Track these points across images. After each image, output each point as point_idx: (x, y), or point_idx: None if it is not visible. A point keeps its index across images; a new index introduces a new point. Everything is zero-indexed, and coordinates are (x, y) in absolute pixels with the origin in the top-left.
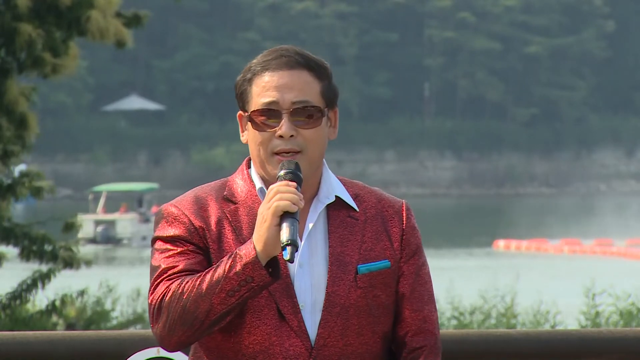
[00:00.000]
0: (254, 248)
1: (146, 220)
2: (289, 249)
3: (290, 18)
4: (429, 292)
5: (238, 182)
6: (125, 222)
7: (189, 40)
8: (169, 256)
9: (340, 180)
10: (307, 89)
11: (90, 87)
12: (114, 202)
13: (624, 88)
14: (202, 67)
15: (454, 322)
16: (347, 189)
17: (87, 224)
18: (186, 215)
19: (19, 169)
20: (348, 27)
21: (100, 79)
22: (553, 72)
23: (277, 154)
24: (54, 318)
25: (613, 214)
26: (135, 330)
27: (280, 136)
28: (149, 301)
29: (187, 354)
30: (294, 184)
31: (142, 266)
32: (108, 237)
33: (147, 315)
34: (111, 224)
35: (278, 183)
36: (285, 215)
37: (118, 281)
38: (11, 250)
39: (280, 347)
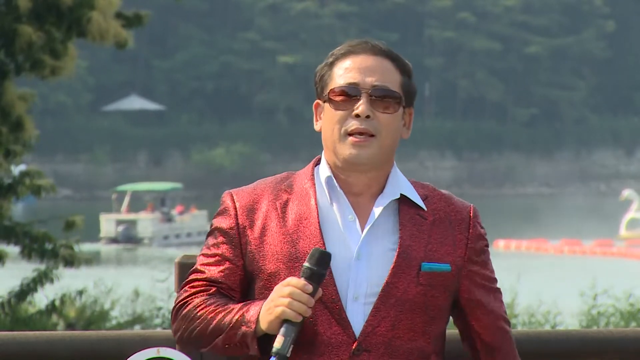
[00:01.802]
0: (257, 321)
1: (168, 220)
2: (275, 358)
3: (290, 18)
4: (497, 292)
5: (301, 176)
6: (146, 222)
7: (189, 40)
8: (205, 256)
9: (410, 181)
10: (389, 75)
11: (90, 87)
12: (140, 202)
13: (624, 88)
14: (202, 67)
15: None
16: (417, 190)
17: (108, 224)
18: (235, 209)
19: (19, 168)
20: (348, 27)
21: (100, 79)
22: (553, 72)
23: (350, 134)
24: (54, 318)
25: (579, 214)
26: (135, 330)
27: (357, 115)
28: (175, 299)
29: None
30: (310, 287)
31: (161, 265)
32: (129, 237)
33: (147, 315)
34: (132, 223)
35: (296, 281)
36: (286, 322)
37: (121, 280)
38: (12, 250)
39: (323, 335)
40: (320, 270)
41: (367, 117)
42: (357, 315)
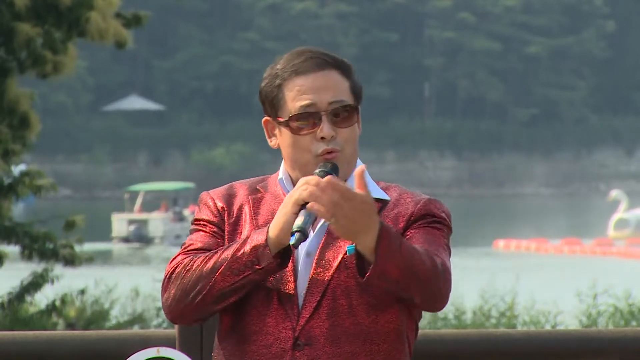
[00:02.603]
0: (267, 232)
1: (180, 219)
2: (296, 235)
3: (290, 18)
4: (436, 240)
5: (274, 179)
6: (157, 222)
7: (189, 40)
8: (194, 235)
9: (373, 180)
10: (340, 88)
11: (90, 87)
12: (153, 202)
13: (624, 88)
14: (202, 67)
15: (454, 322)
16: (378, 185)
17: (120, 223)
18: (213, 199)
19: (19, 169)
20: (348, 27)
21: (100, 79)
22: (553, 72)
23: (320, 155)
24: (54, 318)
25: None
26: (135, 330)
27: (322, 137)
28: (164, 273)
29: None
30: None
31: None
32: (140, 236)
33: (146, 315)
34: (143, 223)
35: (309, 176)
36: (305, 206)
37: (128, 279)
38: (12, 250)
39: (274, 328)
40: (330, 171)
41: (332, 137)
42: (306, 310)
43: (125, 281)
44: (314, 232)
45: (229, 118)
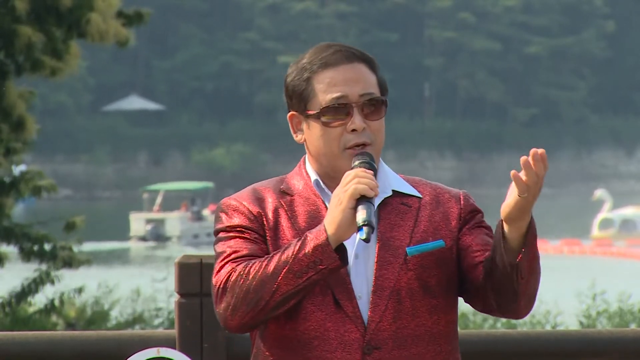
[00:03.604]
0: (325, 231)
1: (198, 218)
2: (365, 228)
3: (290, 18)
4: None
5: (295, 177)
6: (175, 221)
7: (189, 40)
8: (233, 242)
9: (400, 176)
10: (369, 81)
11: (90, 88)
12: (173, 201)
13: (624, 88)
14: (202, 67)
15: None
16: (405, 181)
17: (138, 222)
18: (245, 205)
19: (19, 169)
20: (348, 27)
21: (100, 79)
22: (553, 72)
23: (349, 148)
24: (54, 318)
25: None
26: (135, 330)
27: (354, 130)
28: (213, 283)
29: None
30: (371, 171)
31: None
32: (157, 235)
33: (146, 315)
34: (160, 222)
35: (355, 169)
36: (361, 199)
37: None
38: (11, 250)
39: (336, 332)
40: (371, 162)
41: (363, 129)
42: (364, 313)
43: (138, 280)
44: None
45: (229, 118)
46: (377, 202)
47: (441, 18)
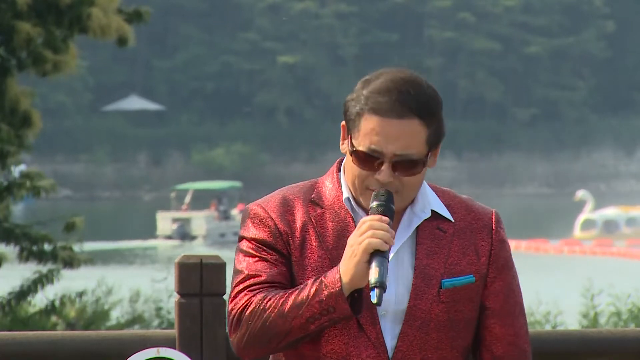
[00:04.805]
0: (340, 279)
1: (225, 218)
2: (377, 291)
3: (290, 18)
4: (520, 306)
5: (327, 185)
6: (200, 220)
7: (189, 40)
8: (253, 262)
9: (431, 187)
10: (414, 140)
11: (90, 87)
12: (202, 200)
13: (624, 88)
14: (202, 67)
15: None
16: (440, 199)
17: (164, 221)
18: (272, 219)
19: (19, 169)
20: (348, 27)
21: (100, 79)
22: (553, 72)
23: (371, 190)
24: (54, 318)
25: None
26: (135, 330)
27: (378, 180)
28: (229, 309)
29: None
30: (387, 219)
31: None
32: (183, 234)
33: (146, 315)
34: (187, 221)
35: (371, 216)
36: (375, 254)
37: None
38: (11, 251)
39: (358, 357)
40: (389, 204)
41: (389, 183)
42: (386, 333)
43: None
44: (391, 252)
45: (229, 118)
46: (415, 222)
47: (441, 18)
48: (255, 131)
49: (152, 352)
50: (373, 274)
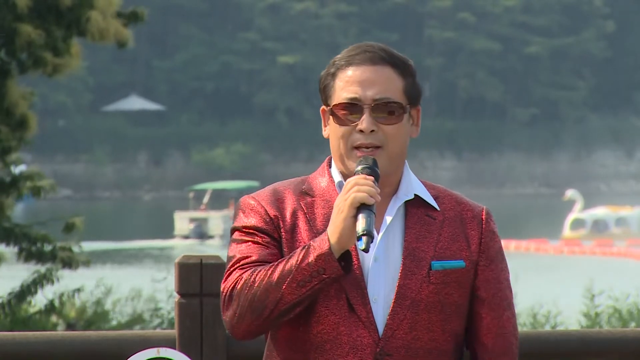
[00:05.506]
0: (328, 240)
1: None
2: (364, 238)
3: (290, 18)
4: (507, 298)
5: (318, 178)
6: (217, 220)
7: (189, 40)
8: (245, 247)
9: (421, 182)
10: (390, 85)
11: (90, 87)
12: (221, 200)
13: (624, 88)
14: (202, 67)
15: None
16: (428, 190)
17: (182, 221)
18: (262, 206)
19: (19, 169)
20: (348, 27)
21: (100, 79)
22: (553, 72)
23: (356, 148)
24: (54, 318)
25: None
26: (135, 330)
27: (361, 130)
28: (221, 289)
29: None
30: (372, 178)
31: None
32: (200, 234)
33: (146, 315)
34: (204, 221)
35: (356, 176)
36: (362, 207)
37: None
38: (11, 251)
39: (348, 337)
40: (374, 167)
41: (372, 131)
42: (378, 316)
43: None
44: (379, 235)
45: (229, 118)
46: (398, 204)
47: (441, 18)
48: (255, 131)
49: (152, 352)
50: (360, 224)
